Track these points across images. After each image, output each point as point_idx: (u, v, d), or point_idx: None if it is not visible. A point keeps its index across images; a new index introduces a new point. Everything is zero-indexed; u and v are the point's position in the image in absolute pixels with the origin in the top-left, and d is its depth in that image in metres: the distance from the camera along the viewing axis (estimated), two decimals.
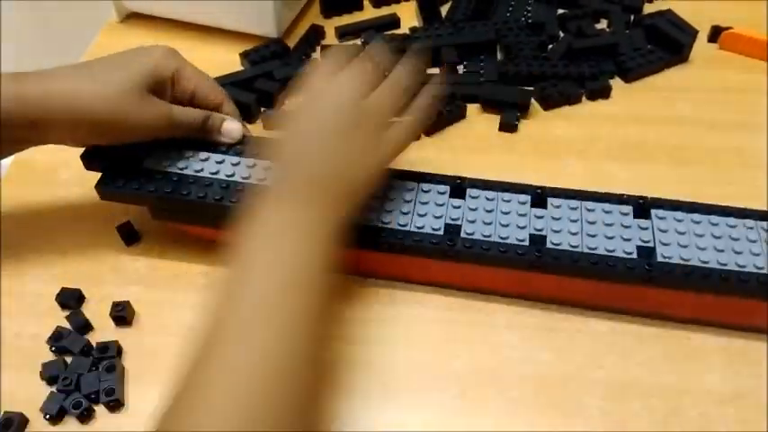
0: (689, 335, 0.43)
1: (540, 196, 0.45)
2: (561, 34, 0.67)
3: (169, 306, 0.46)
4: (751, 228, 0.43)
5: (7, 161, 0.52)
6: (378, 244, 0.43)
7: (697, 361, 0.42)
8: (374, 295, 0.46)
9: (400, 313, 0.45)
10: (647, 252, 0.42)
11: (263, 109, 0.59)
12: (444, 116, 0.57)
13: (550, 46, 0.65)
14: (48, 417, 0.40)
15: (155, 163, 0.46)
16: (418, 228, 0.44)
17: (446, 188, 0.46)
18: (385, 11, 0.71)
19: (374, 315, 0.45)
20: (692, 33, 0.64)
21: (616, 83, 0.62)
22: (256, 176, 0.45)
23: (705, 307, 0.43)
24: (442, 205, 0.45)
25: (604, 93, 0.60)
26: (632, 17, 0.68)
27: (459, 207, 0.45)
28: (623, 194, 0.45)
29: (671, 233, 0.43)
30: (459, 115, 0.59)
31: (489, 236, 0.43)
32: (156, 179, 0.45)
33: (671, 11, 0.67)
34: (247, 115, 0.58)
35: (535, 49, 0.63)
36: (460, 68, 0.63)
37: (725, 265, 0.41)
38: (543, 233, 0.43)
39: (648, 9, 0.69)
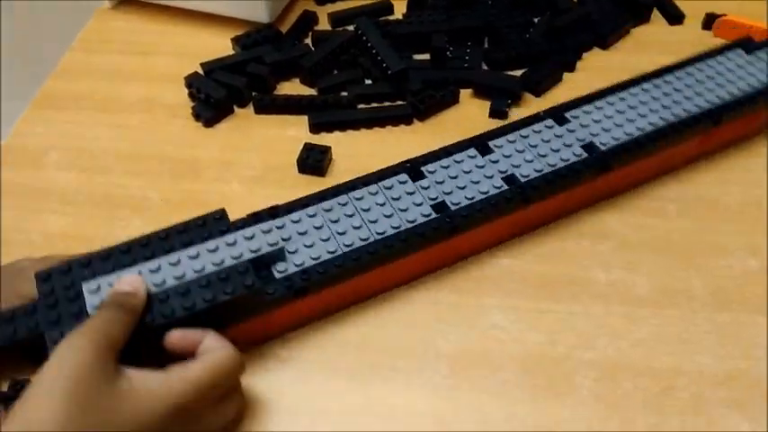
0: (682, 316, 0.43)
1: (483, 145, 0.48)
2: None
3: None
4: (636, 94, 0.51)
5: None
6: (386, 256, 0.42)
7: (689, 342, 0.42)
8: None
9: (391, 295, 0.45)
10: (590, 147, 0.47)
11: (254, 93, 0.59)
12: (438, 100, 0.57)
13: (536, 19, 0.65)
14: None
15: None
16: (411, 221, 0.43)
17: (405, 176, 0.45)
18: None
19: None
20: None
21: (609, 59, 0.62)
22: (230, 256, 0.39)
23: (643, 168, 0.50)
24: (413, 193, 0.44)
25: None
26: None
27: (427, 187, 0.45)
28: (538, 112, 0.50)
29: (593, 126, 0.49)
30: (453, 100, 0.59)
31: (473, 197, 0.44)
32: None
33: None
34: (239, 99, 0.58)
35: (520, 31, 0.64)
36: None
37: (642, 129, 0.49)
38: (510, 173, 0.46)
39: None
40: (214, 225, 0.41)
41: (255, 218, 0.43)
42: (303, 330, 0.43)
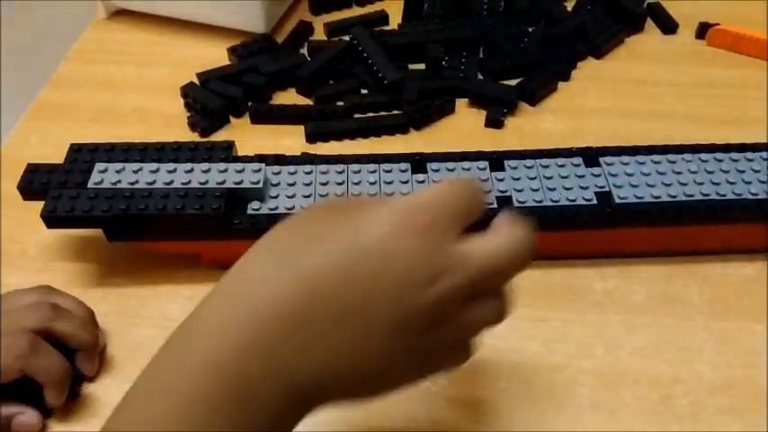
0: (679, 324, 0.43)
1: (496, 160, 0.47)
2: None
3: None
4: (689, 161, 0.47)
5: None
6: None
7: (688, 350, 0.42)
8: None
9: None
10: (605, 197, 0.45)
11: (250, 103, 0.59)
12: (434, 110, 0.57)
13: (531, 29, 0.66)
14: None
15: (101, 181, 0.44)
16: None
17: (407, 166, 0.47)
18: (372, 7, 0.71)
19: None
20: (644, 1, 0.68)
21: (603, 68, 0.63)
22: (214, 180, 0.44)
23: (662, 238, 0.46)
24: (406, 182, 0.46)
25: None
26: None
27: (422, 182, 0.46)
28: (572, 147, 0.48)
29: (621, 177, 0.46)
30: (449, 110, 0.59)
31: None
32: (106, 198, 0.43)
33: None
34: (235, 109, 0.58)
35: (516, 41, 0.64)
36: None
37: (675, 197, 0.44)
38: (508, 194, 0.45)
39: None
40: (220, 152, 0.46)
41: (260, 159, 0.47)
42: None
